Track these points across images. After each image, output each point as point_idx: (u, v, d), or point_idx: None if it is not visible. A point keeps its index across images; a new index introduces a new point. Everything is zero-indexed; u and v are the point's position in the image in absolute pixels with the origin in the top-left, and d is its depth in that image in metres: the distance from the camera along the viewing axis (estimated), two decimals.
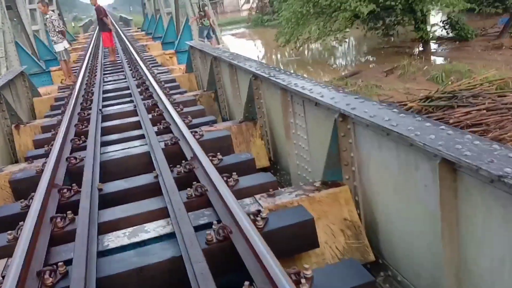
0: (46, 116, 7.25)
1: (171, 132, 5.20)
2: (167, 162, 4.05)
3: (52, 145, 4.97)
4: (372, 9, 16.34)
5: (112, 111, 6.65)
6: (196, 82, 9.19)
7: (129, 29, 32.04)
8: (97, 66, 11.68)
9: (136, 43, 18.10)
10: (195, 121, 5.62)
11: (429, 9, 17.06)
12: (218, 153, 4.13)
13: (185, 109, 6.22)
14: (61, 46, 10.26)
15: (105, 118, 6.32)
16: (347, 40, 19.28)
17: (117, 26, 25.56)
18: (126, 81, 9.04)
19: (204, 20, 12.86)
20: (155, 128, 5.34)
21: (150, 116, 5.93)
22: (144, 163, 4.47)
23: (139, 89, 7.82)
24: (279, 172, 4.91)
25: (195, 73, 9.16)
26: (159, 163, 4.04)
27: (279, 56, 27.37)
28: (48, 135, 5.76)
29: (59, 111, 7.08)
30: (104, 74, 10.50)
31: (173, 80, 8.74)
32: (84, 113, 6.42)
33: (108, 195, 3.65)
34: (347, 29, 18.24)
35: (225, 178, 3.45)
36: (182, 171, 3.85)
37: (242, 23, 42.34)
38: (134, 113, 6.39)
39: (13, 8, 13.64)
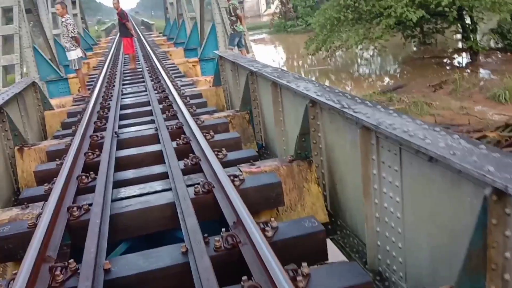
0: (55, 137, 6.30)
1: (201, 170, 4.18)
2: (199, 225, 3.03)
3: (54, 183, 4.00)
4: (421, 16, 15.14)
5: (129, 134, 5.67)
6: (224, 97, 8.18)
7: (151, 34, 31.33)
8: (116, 74, 10.78)
9: (157, 49, 17.25)
10: (230, 155, 4.60)
11: (480, 16, 15.65)
12: (271, 220, 3.06)
13: (217, 137, 5.21)
14: (73, 54, 9.35)
15: (121, 143, 5.35)
16: (386, 49, 18.09)
17: (138, 31, 24.84)
18: (146, 95, 8.08)
19: (236, 26, 11.86)
20: (181, 164, 4.33)
21: (174, 144, 4.94)
22: (167, 218, 3.48)
23: (161, 106, 6.86)
24: (341, 233, 3.84)
25: (224, 87, 8.15)
26: (189, 228, 3.00)
27: (301, 63, 26.33)
28: (53, 165, 4.79)
29: (70, 131, 6.15)
30: (123, 84, 9.58)
31: (199, 95, 7.74)
32: (97, 136, 5.46)
33: (118, 281, 2.62)
34: (387, 37, 17.02)
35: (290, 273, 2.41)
36: (223, 246, 2.78)
37: (264, 28, 41.42)
38: (155, 138, 5.41)
39: (33, 12, 12.83)
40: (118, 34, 15.49)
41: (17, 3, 10.70)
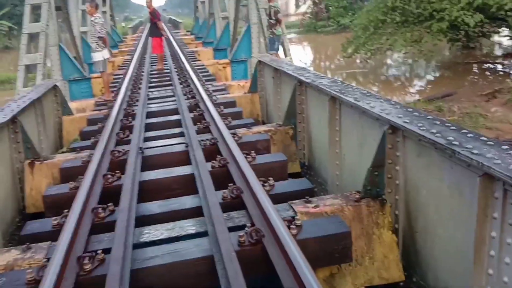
0: (71, 149, 5.56)
1: (244, 207, 3.37)
2: None
3: (64, 217, 3.24)
4: (479, 20, 14.02)
5: (156, 151, 4.88)
6: (260, 105, 7.35)
7: (178, 32, 30.68)
8: (142, 76, 10.05)
9: (185, 48, 16.51)
10: (279, 186, 3.78)
11: None
12: None
13: (259, 159, 4.39)
14: (98, 56, 8.62)
15: (146, 161, 4.57)
16: (433, 53, 16.94)
17: (167, 30, 24.21)
18: (175, 100, 7.30)
19: (275, 29, 11.00)
20: (219, 196, 3.52)
21: (209, 167, 4.13)
22: (201, 276, 2.69)
23: (191, 115, 6.07)
24: None
25: (260, 94, 7.32)
26: None
27: (328, 64, 25.33)
28: (65, 189, 4.04)
29: (89, 142, 5.41)
30: (150, 88, 8.82)
31: (233, 103, 6.93)
32: (119, 152, 4.69)
33: None
34: (437, 41, 15.84)
35: None
36: None
37: (292, 28, 40.35)
38: (185, 157, 4.62)
39: (62, 9, 12.21)
40: (147, 32, 14.86)
41: (46, 0, 10.07)
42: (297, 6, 47.16)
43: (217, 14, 18.49)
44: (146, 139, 5.28)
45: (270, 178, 3.84)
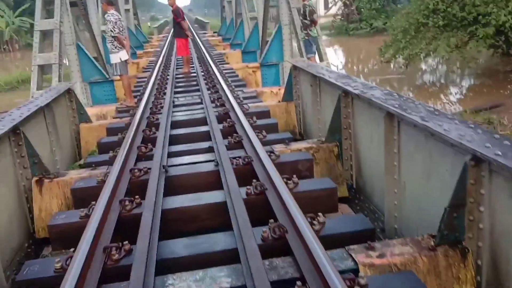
0: (87, 165, 4.95)
1: (289, 251, 2.71)
2: None
3: (71, 258, 2.65)
4: None
5: (181, 170, 4.25)
6: (296, 115, 6.67)
7: (205, 33, 30.26)
8: (167, 80, 9.48)
9: (212, 51, 15.96)
10: (330, 224, 3.09)
11: None
12: None
13: (302, 185, 3.72)
14: (115, 57, 8.05)
15: (170, 183, 3.95)
16: (478, 60, 15.97)
17: (193, 30, 23.76)
18: (202, 108, 6.68)
19: (311, 30, 10.29)
20: (258, 235, 2.87)
21: (243, 193, 3.49)
22: None
23: (221, 126, 5.43)
24: None
25: (296, 103, 6.64)
26: None
27: (361, 68, 24.41)
28: (75, 217, 3.43)
29: (107, 157, 4.82)
30: (175, 93, 8.22)
31: (267, 114, 6.27)
32: (140, 171, 4.08)
33: None
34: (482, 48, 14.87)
35: None
36: None
37: (323, 30, 39.46)
38: (215, 179, 3.98)
39: (78, 5, 11.59)
40: (171, 33, 14.32)
41: None
42: (327, 7, 46.25)
43: (244, 15, 17.88)
44: (170, 155, 4.66)
45: (319, 214, 3.16)
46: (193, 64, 12.19)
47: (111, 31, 7.96)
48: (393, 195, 3.68)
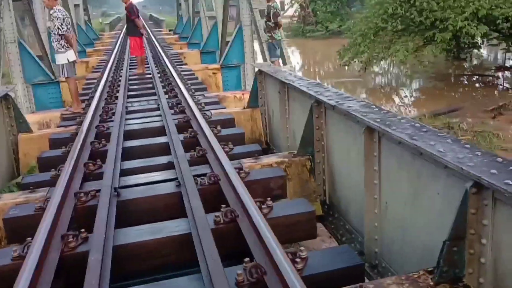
0: (24, 186, 4.21)
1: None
2: None
3: None
4: (484, 32, 13.14)
5: (136, 191, 3.66)
6: (262, 122, 6.18)
7: (160, 31, 29.32)
8: (120, 82, 8.78)
9: (169, 50, 15.23)
10: (314, 259, 2.64)
11: None
12: None
13: (277, 208, 3.25)
14: (61, 58, 7.25)
15: (123, 209, 3.37)
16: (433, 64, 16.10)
17: (148, 28, 22.83)
18: (160, 115, 6.08)
19: (275, 33, 9.80)
20: (233, 279, 2.38)
21: (211, 221, 2.98)
22: None
23: (181, 137, 4.87)
24: None
25: (262, 109, 6.15)
26: None
27: (317, 70, 24.27)
28: (6, 258, 2.79)
29: (48, 175, 4.16)
30: (129, 97, 7.54)
31: (231, 121, 5.73)
32: (87, 195, 3.47)
33: None
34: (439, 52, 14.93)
35: None
36: None
37: None
38: (177, 201, 3.44)
39: (22, 0, 10.58)
40: (124, 31, 13.52)
41: None
42: (283, 9, 46.10)
43: (202, 13, 17.23)
44: (123, 173, 4.06)
45: (302, 249, 2.69)
46: (148, 64, 11.49)
47: (59, 28, 7.16)
48: (373, 216, 3.27)
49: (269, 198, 3.33)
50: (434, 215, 2.58)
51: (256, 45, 10.73)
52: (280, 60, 9.50)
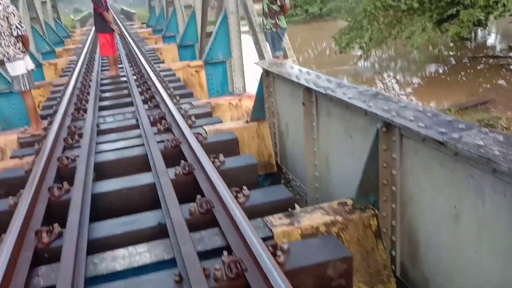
0: None
1: None
2: None
3: None
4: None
5: (112, 256, 2.39)
6: (272, 139, 4.88)
7: (132, 25, 27.57)
8: (89, 89, 7.39)
9: (144, 45, 13.75)
10: None
11: None
12: None
13: None
14: (20, 67, 5.77)
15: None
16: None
17: (119, 22, 21.19)
18: (140, 137, 4.75)
19: (280, 19, 7.81)
20: None
21: None
22: None
23: (173, 174, 3.58)
24: None
25: (270, 122, 4.87)
26: None
27: (301, 59, 22.92)
28: None
29: None
30: (101, 110, 6.17)
31: (234, 143, 4.41)
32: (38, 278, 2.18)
33: None
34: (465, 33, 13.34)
35: None
36: None
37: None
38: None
39: None
40: (93, 28, 12.01)
41: None
42: None
43: (177, 2, 15.69)
44: (94, 243, 2.75)
45: None
46: (121, 64, 10.07)
47: (18, 27, 5.67)
48: None
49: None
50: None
51: (246, 36, 9.34)
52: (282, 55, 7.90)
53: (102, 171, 3.98)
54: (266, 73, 4.76)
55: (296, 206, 3.42)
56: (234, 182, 3.42)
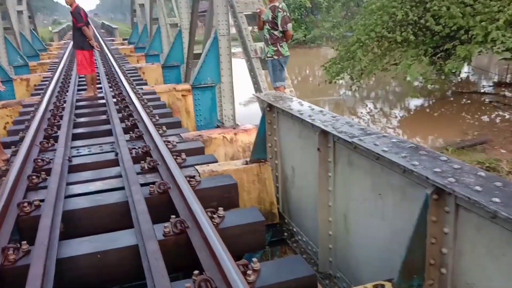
0: None
1: None
2: None
3: None
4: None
5: None
6: (274, 183, 4.21)
7: (113, 40, 26.82)
8: (63, 113, 6.62)
9: (125, 64, 13.02)
10: None
11: None
12: None
13: None
14: None
15: None
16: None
17: (99, 38, 20.42)
18: (120, 176, 4.03)
19: (281, 46, 7.00)
20: None
21: None
22: None
23: (161, 234, 2.89)
24: None
25: (273, 164, 4.20)
26: None
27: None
28: None
29: None
30: (74, 139, 5.40)
31: (233, 190, 3.72)
32: None
33: None
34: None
35: None
36: None
37: (237, 41, 37.44)
38: None
39: None
40: (71, 43, 11.24)
41: None
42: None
43: (162, 20, 15.05)
44: None
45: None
46: (100, 83, 9.33)
47: None
48: None
49: None
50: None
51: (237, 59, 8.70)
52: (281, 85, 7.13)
53: (71, 222, 3.26)
54: (269, 108, 4.11)
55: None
56: (237, 245, 2.75)
